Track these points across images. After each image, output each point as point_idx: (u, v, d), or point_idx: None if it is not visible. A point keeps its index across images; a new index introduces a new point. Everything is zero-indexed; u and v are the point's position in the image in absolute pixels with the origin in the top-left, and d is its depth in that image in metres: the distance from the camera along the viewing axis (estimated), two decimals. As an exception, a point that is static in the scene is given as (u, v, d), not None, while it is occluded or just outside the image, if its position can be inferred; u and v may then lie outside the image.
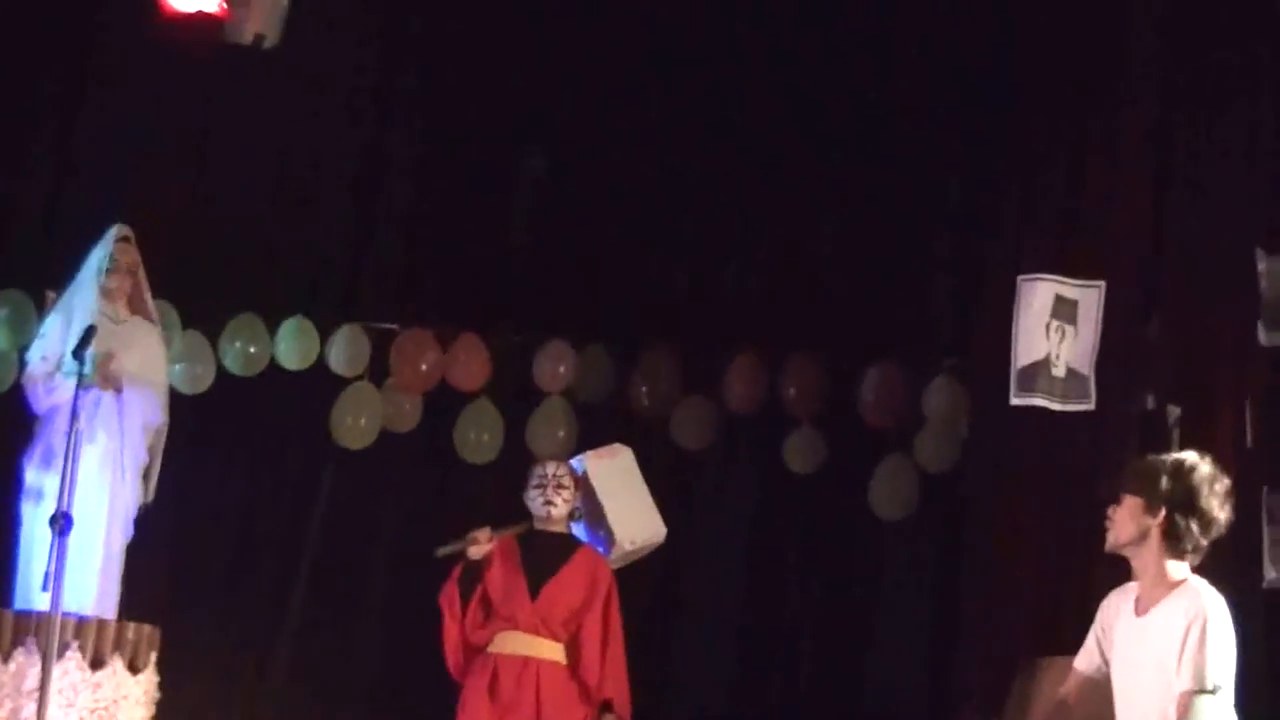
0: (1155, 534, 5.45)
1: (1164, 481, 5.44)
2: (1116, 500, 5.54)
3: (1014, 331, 7.42)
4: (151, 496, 7.93)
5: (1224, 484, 5.49)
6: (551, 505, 7.42)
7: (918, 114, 8.84)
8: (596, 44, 9.14)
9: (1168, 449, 5.81)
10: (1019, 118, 7.81)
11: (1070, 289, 7.37)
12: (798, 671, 9.00)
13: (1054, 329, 7.36)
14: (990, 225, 7.88)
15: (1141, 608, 5.52)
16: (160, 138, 9.09)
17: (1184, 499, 5.43)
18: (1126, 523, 5.49)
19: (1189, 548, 5.47)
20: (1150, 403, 7.38)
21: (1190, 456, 5.52)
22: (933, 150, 8.80)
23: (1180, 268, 7.26)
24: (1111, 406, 7.34)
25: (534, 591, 7.32)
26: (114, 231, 7.91)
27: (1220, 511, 5.47)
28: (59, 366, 7.59)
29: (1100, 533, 7.04)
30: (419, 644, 7.96)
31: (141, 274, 7.98)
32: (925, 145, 8.81)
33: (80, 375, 7.12)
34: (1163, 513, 5.43)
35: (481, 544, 7.31)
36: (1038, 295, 7.38)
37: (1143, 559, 5.50)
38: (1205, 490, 5.45)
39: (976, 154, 8.38)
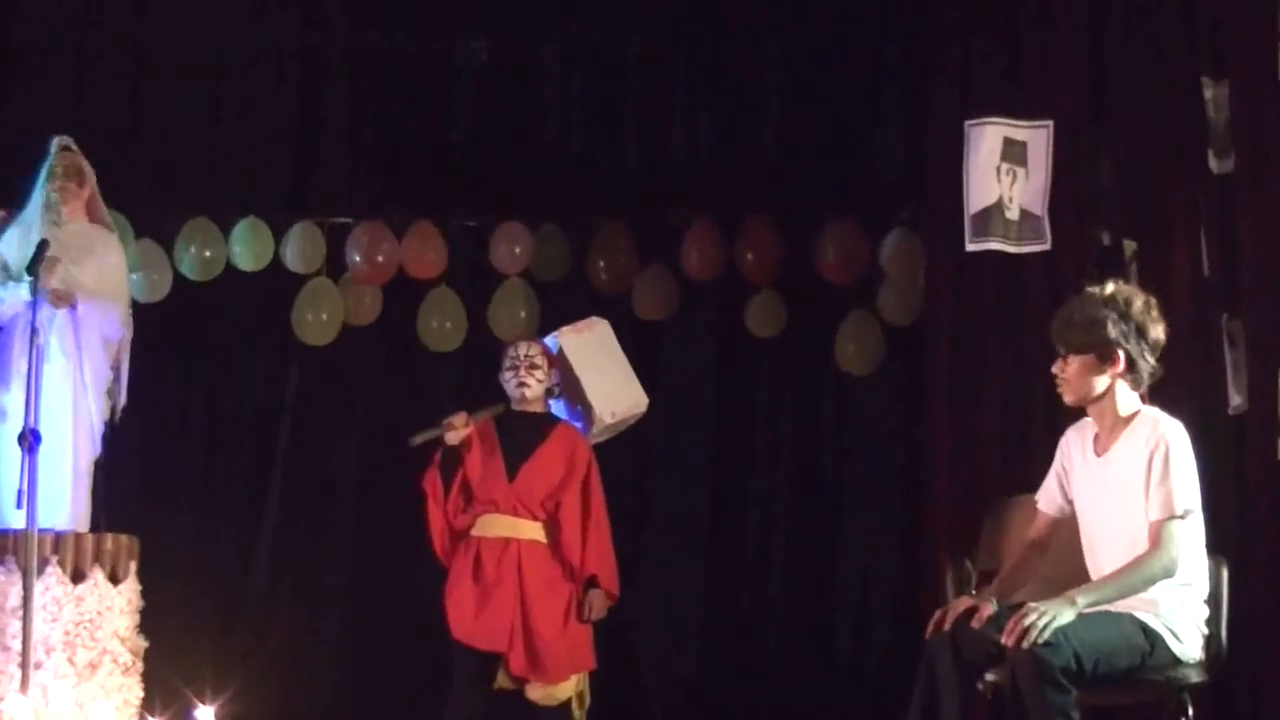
0: (1116, 380, 5.49)
1: (1110, 330, 5.45)
2: (1061, 357, 5.55)
3: (965, 177, 7.42)
4: (120, 411, 7.89)
5: (1151, 300, 5.54)
6: (525, 386, 7.38)
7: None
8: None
9: (1127, 284, 5.81)
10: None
11: (1018, 130, 7.35)
12: (773, 529, 9.08)
13: (1004, 172, 7.35)
14: (935, 72, 7.84)
15: (1101, 446, 5.56)
16: (97, 50, 9.02)
17: (1135, 336, 5.47)
18: (1085, 380, 5.50)
19: (1145, 377, 5.53)
20: (1106, 239, 7.40)
21: (1119, 290, 5.54)
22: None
23: (1127, 100, 7.24)
24: (1067, 245, 7.35)
25: (511, 473, 7.29)
26: (55, 143, 7.85)
27: (1161, 330, 5.53)
28: (10, 275, 7.55)
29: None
30: (397, 534, 7.99)
31: (94, 183, 7.92)
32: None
33: (35, 290, 7.12)
34: (1121, 359, 5.47)
35: (458, 429, 7.29)
36: (986, 139, 7.36)
37: (1103, 404, 5.54)
38: (1146, 319, 5.49)
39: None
